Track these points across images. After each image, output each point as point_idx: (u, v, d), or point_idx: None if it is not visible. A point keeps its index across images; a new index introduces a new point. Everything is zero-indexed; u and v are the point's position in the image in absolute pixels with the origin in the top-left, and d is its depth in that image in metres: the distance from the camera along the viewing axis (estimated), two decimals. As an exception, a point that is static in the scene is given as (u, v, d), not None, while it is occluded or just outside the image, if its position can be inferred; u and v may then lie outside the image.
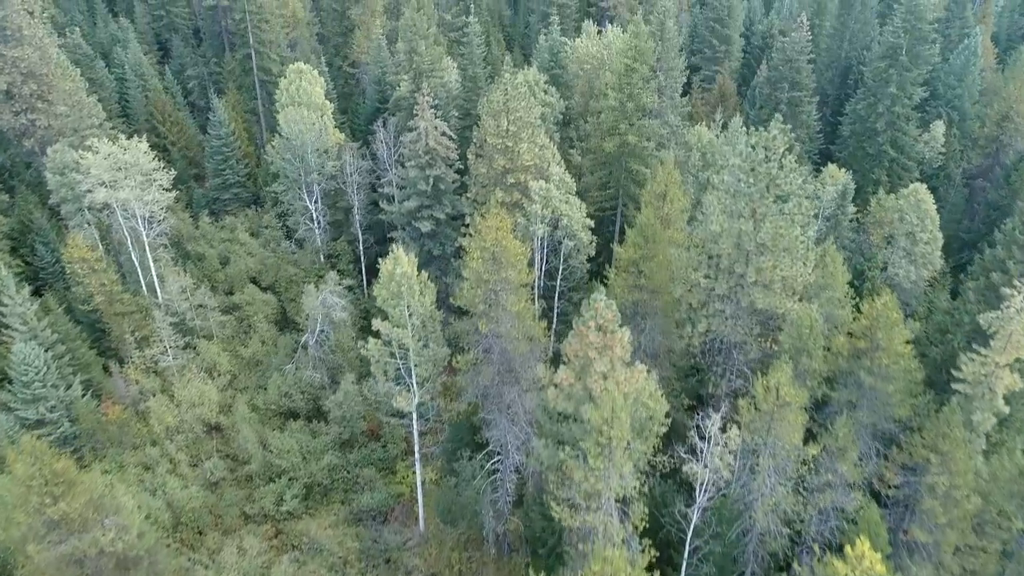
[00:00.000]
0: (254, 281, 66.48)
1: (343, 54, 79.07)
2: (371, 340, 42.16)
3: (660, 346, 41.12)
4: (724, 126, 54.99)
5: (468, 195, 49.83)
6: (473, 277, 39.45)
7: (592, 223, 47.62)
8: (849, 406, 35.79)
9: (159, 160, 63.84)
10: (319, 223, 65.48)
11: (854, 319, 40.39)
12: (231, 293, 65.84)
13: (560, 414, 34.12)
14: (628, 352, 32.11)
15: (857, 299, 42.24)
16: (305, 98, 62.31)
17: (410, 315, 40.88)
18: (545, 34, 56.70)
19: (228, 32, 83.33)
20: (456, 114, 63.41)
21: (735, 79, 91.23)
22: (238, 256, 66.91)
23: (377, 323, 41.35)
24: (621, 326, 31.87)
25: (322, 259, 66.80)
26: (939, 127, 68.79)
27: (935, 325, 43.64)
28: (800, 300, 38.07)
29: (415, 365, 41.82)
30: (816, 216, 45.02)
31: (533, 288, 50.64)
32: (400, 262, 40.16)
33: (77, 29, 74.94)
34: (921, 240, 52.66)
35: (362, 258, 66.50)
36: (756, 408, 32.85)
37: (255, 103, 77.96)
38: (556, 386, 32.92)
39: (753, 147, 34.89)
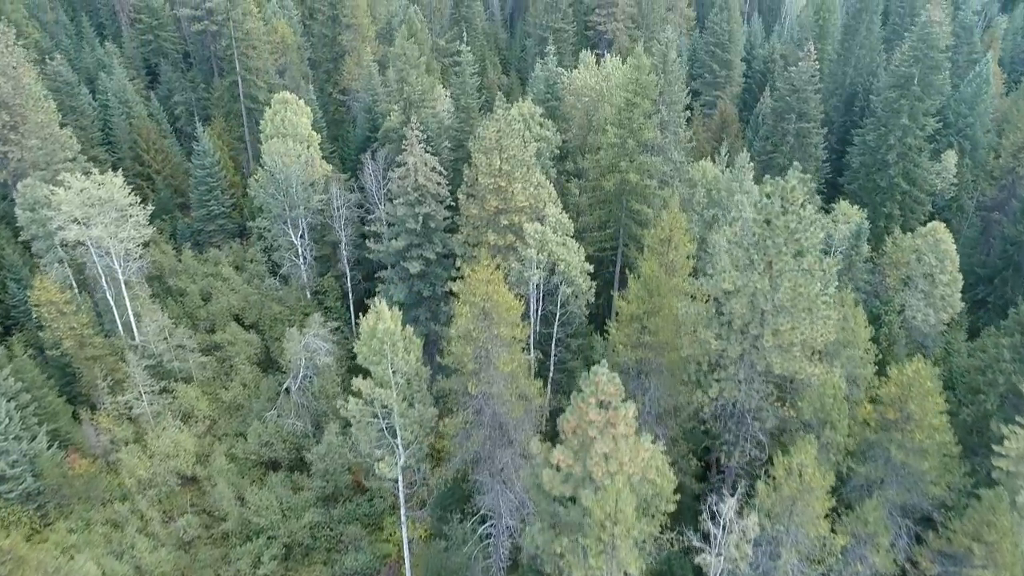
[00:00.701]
0: (237, 319, 62.52)
1: (333, 80, 75.48)
2: (351, 400, 38.19)
3: (666, 406, 37.20)
4: (730, 161, 51.35)
5: (459, 236, 46.01)
6: (462, 334, 35.59)
7: (591, 267, 43.79)
8: (877, 482, 31.84)
9: (137, 194, 60.19)
10: (305, 259, 61.62)
11: (878, 377, 36.51)
12: (213, 331, 61.85)
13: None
14: (633, 429, 28.17)
15: (879, 353, 38.37)
16: (291, 129, 58.62)
17: (394, 373, 36.95)
18: (541, 64, 53.20)
19: (217, 57, 79.80)
20: (448, 145, 59.76)
21: (736, 104, 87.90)
22: (220, 292, 62.99)
23: (358, 382, 37.42)
24: (625, 400, 27.93)
25: (308, 296, 62.89)
26: (951, 157, 65.17)
27: (965, 385, 39.72)
28: (819, 359, 34.19)
29: (400, 428, 37.84)
30: (830, 254, 41.27)
31: (528, 336, 46.74)
32: (383, 317, 36.28)
33: (58, 56, 71.17)
34: (940, 282, 48.88)
35: (350, 294, 62.61)
36: (775, 490, 28.90)
37: (242, 131, 74.26)
38: (553, 467, 28.94)
39: (768, 196, 31.09)
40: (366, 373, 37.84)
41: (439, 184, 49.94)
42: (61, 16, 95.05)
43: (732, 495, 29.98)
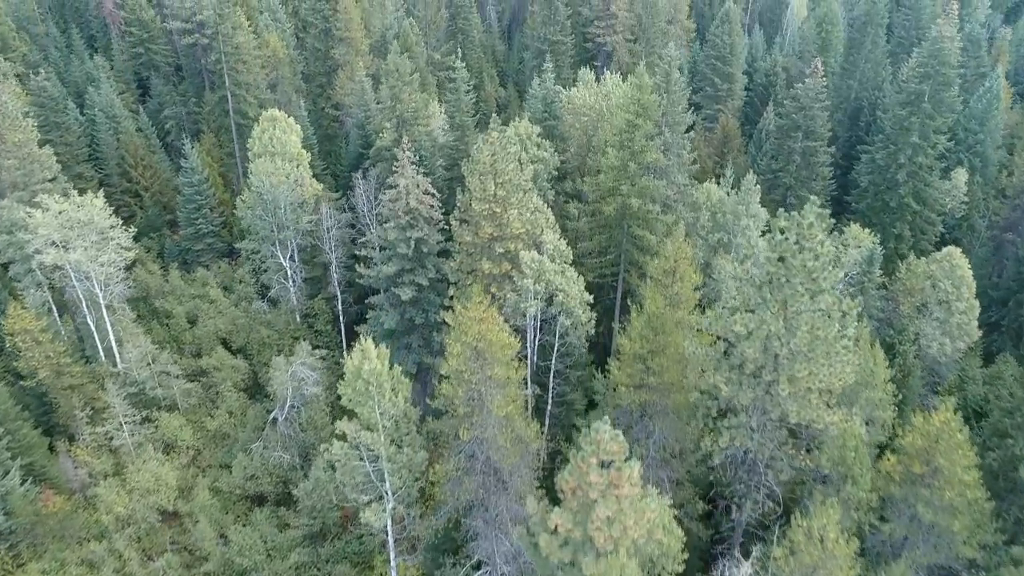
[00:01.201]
0: (225, 343, 59.80)
1: (326, 95, 72.83)
2: (335, 443, 35.47)
3: (672, 450, 34.46)
4: (735, 182, 48.71)
5: (452, 263, 43.32)
6: (453, 375, 32.86)
7: (591, 298, 41.09)
8: (901, 540, 29.14)
9: (124, 211, 57.56)
10: (294, 281, 58.91)
11: (898, 418, 33.77)
12: (199, 355, 59.08)
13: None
14: (638, 489, 25.43)
15: (896, 385, 35.66)
16: (279, 148, 55.92)
17: (381, 415, 34.21)
18: (539, 81, 50.64)
19: (208, 71, 77.23)
20: (443, 163, 57.14)
21: (738, 117, 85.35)
22: (207, 315, 60.27)
23: (342, 424, 34.70)
24: (628, 458, 25.19)
25: (298, 319, 60.16)
26: (961, 175, 62.54)
27: (991, 427, 36.97)
28: (837, 403, 31.46)
29: (388, 472, 35.07)
30: (843, 286, 38.80)
31: (525, 370, 44.01)
32: (368, 356, 33.52)
33: (42, 71, 68.52)
34: (956, 310, 46.20)
35: (341, 318, 59.82)
36: (793, 554, 26.17)
37: (233, 147, 71.60)
38: (550, 530, 26.18)
39: (783, 232, 28.43)
40: (351, 413, 35.14)
41: (432, 207, 47.31)
42: (51, 28, 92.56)
43: (745, 556, 27.21)
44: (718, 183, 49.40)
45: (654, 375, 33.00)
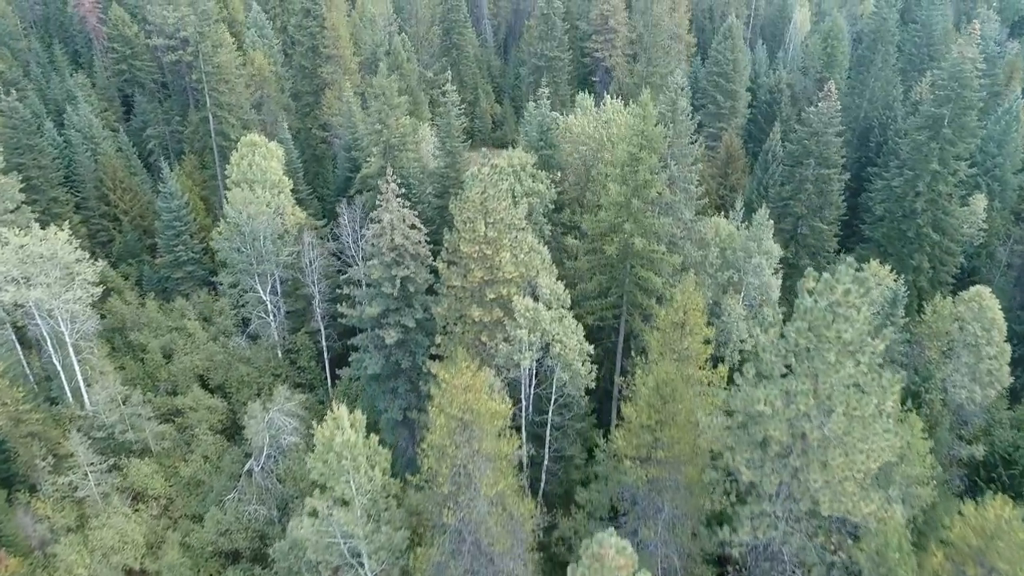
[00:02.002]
0: (202, 379, 55.52)
1: (314, 115, 68.62)
2: (306, 520, 31.17)
3: (685, 532, 30.17)
4: (747, 214, 44.53)
5: (439, 308, 39.04)
6: (436, 449, 28.61)
7: (592, 348, 36.80)
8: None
9: (95, 241, 53.31)
10: (275, 316, 54.63)
11: (932, 503, 29.47)
12: (175, 393, 54.82)
13: None
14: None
15: (936, 465, 31.39)
16: (259, 175, 51.67)
17: (356, 490, 29.93)
18: (535, 106, 46.45)
19: (193, 89, 73.00)
20: (432, 191, 52.99)
21: (741, 135, 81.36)
22: (183, 351, 55.94)
23: (313, 501, 30.42)
24: (637, 572, 20.90)
25: (279, 355, 55.84)
26: (980, 201, 58.37)
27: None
28: (871, 484, 27.16)
29: (367, 555, 30.76)
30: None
31: (519, 416, 39.70)
32: (342, 425, 29.25)
33: (13, 91, 64.29)
34: (986, 354, 41.96)
35: (325, 354, 55.57)
36: None
37: (216, 169, 67.38)
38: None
39: (811, 294, 24.20)
40: (322, 489, 30.84)
41: (419, 243, 43.02)
42: (34, 44, 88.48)
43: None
44: (725, 214, 45.25)
45: (663, 448, 28.75)
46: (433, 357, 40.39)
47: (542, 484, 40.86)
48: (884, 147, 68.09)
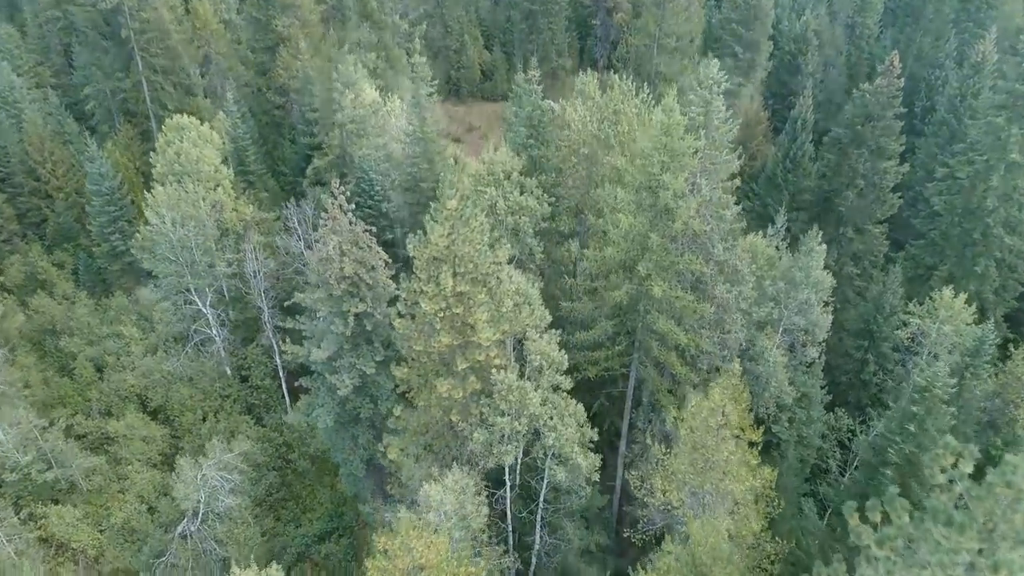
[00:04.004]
0: (140, 399, 46.22)
1: (269, 76, 56.57)
2: None
3: None
4: (789, 233, 34.11)
5: (399, 370, 29.12)
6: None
7: (595, 432, 27.22)
8: None
9: (23, 223, 42.74)
10: (220, 332, 44.76)
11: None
12: (110, 414, 45.69)
13: None
14: None
15: None
16: (190, 166, 40.80)
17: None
18: (525, 90, 34.83)
19: (130, 45, 60.50)
20: (401, 183, 42.14)
21: (763, 94, 69.49)
22: (117, 366, 46.37)
23: None
24: None
25: (228, 372, 46.27)
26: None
27: None
28: None
29: None
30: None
31: (503, 522, 30.51)
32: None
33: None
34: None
35: (281, 371, 46.06)
36: None
37: (154, 142, 55.83)
38: None
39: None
40: None
41: (376, 269, 32.75)
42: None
43: None
44: (763, 232, 34.79)
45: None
46: (402, 395, 30.87)
47: (532, 568, 32.14)
48: (931, 115, 56.80)
